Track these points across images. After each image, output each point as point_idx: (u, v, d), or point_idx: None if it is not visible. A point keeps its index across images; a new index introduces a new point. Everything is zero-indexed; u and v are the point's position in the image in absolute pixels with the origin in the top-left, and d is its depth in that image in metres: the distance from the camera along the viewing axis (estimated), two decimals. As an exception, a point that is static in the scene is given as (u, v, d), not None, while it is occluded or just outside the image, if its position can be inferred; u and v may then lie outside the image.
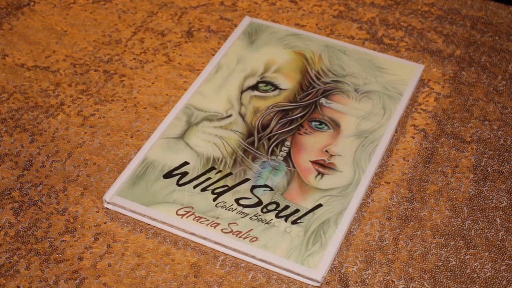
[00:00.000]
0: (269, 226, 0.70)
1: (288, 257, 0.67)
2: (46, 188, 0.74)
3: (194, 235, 0.69)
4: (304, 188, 0.73)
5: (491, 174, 0.76)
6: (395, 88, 0.82)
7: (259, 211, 0.71)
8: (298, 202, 0.72)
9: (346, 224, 0.70)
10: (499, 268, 0.68)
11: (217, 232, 0.69)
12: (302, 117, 0.80)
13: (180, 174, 0.74)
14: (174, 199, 0.72)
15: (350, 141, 0.77)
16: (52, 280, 0.66)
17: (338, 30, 0.91)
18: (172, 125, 0.78)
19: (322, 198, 0.72)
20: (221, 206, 0.71)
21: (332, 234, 0.69)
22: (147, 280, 0.67)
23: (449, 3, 0.95)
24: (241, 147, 0.77)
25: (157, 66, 0.87)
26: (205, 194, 0.72)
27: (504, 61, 0.87)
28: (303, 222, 0.70)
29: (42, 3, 0.95)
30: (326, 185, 0.73)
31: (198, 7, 0.95)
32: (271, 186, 0.73)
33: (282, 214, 0.71)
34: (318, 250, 0.68)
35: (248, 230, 0.69)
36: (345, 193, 0.72)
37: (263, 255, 0.67)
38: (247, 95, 0.82)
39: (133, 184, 0.73)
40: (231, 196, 0.72)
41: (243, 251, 0.68)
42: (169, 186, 0.73)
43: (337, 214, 0.70)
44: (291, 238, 0.69)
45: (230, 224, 0.70)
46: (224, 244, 0.68)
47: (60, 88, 0.84)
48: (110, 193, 0.72)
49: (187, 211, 0.71)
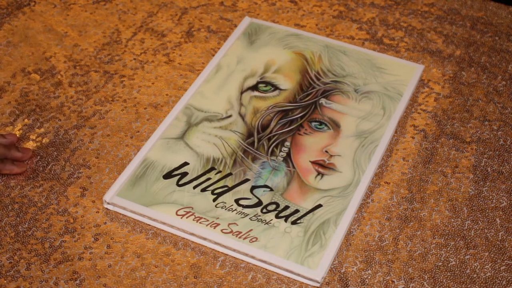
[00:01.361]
0: (269, 226, 0.70)
1: (288, 257, 0.67)
2: (46, 189, 0.74)
3: (194, 235, 0.69)
4: (304, 189, 0.73)
5: (491, 174, 0.76)
6: (395, 88, 0.82)
7: (259, 211, 0.71)
8: (298, 202, 0.72)
9: (346, 224, 0.70)
10: (499, 268, 0.68)
11: (217, 233, 0.69)
12: (302, 118, 0.80)
13: (180, 175, 0.74)
14: (174, 200, 0.72)
15: (350, 142, 0.77)
16: (53, 280, 0.67)
17: (338, 30, 0.91)
18: (172, 126, 0.78)
19: (322, 198, 0.72)
20: (221, 207, 0.71)
21: (332, 235, 0.69)
22: (147, 281, 0.67)
23: (449, 3, 0.95)
24: (241, 147, 0.77)
25: (157, 66, 0.87)
26: (205, 195, 0.72)
27: (504, 62, 0.87)
28: (303, 223, 0.70)
29: (42, 3, 0.95)
30: (326, 185, 0.73)
31: (198, 7, 0.95)
32: (271, 186, 0.73)
33: (282, 215, 0.71)
34: (318, 251, 0.68)
35: (248, 231, 0.69)
36: (344, 194, 0.72)
37: (263, 255, 0.67)
38: (247, 95, 0.82)
39: (133, 184, 0.73)
40: (231, 196, 0.72)
41: (243, 252, 0.68)
42: (169, 186, 0.73)
43: (337, 215, 0.70)
44: (291, 239, 0.69)
45: (230, 225, 0.70)
46: (224, 245, 0.68)
47: (60, 89, 0.84)
48: (110, 194, 0.72)
49: (187, 212, 0.71)
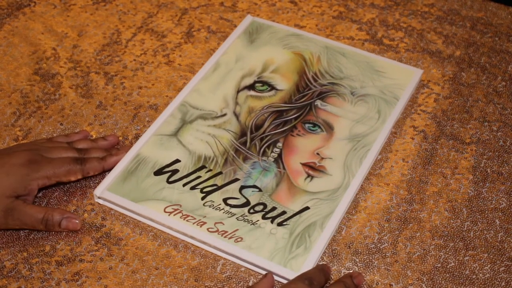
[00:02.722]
0: (255, 227, 0.70)
1: (271, 258, 0.67)
2: (46, 189, 0.74)
3: (179, 232, 0.69)
4: (293, 190, 0.73)
5: (490, 175, 0.76)
6: (392, 92, 0.82)
7: (246, 211, 0.71)
8: (285, 204, 0.71)
9: (332, 227, 0.69)
10: (498, 269, 0.68)
11: (203, 231, 0.69)
12: (296, 119, 0.79)
13: (171, 172, 0.74)
14: (163, 196, 0.72)
15: (342, 145, 0.77)
16: (54, 281, 0.67)
17: (338, 31, 0.91)
18: (166, 122, 0.78)
19: (310, 201, 0.72)
20: (209, 205, 0.71)
21: (317, 238, 0.69)
22: (147, 283, 0.67)
23: (449, 3, 0.95)
24: (233, 146, 0.76)
25: (157, 67, 0.87)
26: (194, 193, 0.72)
27: (504, 62, 0.87)
28: (289, 225, 0.70)
29: (42, 4, 0.95)
30: (315, 188, 0.73)
31: (198, 7, 0.95)
32: (260, 187, 0.73)
33: (268, 216, 0.70)
34: (302, 253, 0.68)
35: (234, 230, 0.69)
36: (333, 197, 0.72)
37: (246, 255, 0.67)
38: (243, 94, 0.82)
39: (124, 179, 0.73)
40: (220, 195, 0.72)
41: (227, 251, 0.68)
42: (159, 183, 0.73)
43: (323, 218, 0.70)
44: (276, 240, 0.69)
45: (216, 224, 0.70)
46: (209, 243, 0.68)
47: (61, 90, 0.84)
48: (101, 188, 0.72)
49: (175, 209, 0.71)
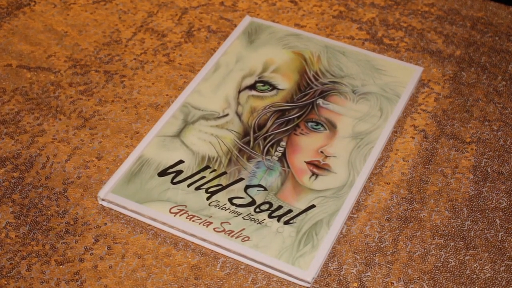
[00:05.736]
0: (262, 226, 0.70)
1: (279, 257, 0.67)
2: (46, 190, 0.74)
3: (186, 233, 0.69)
4: (298, 189, 0.73)
5: (491, 174, 0.76)
6: (393, 90, 0.82)
7: (252, 210, 0.71)
8: (291, 202, 0.72)
9: (339, 225, 0.70)
10: (499, 269, 0.68)
11: (209, 231, 0.69)
12: (298, 118, 0.79)
13: (174, 173, 0.74)
14: (168, 197, 0.72)
15: (345, 143, 0.77)
16: (53, 281, 0.67)
17: (338, 30, 0.91)
18: (168, 123, 0.79)
19: (315, 199, 0.72)
20: (214, 205, 0.71)
21: (324, 235, 0.69)
22: (147, 282, 0.67)
23: (449, 3, 0.95)
24: (236, 146, 0.77)
25: (157, 66, 0.87)
26: (198, 193, 0.72)
27: (504, 62, 0.87)
28: (295, 223, 0.70)
29: (42, 3, 0.95)
30: (320, 186, 0.73)
31: (198, 7, 0.95)
32: (265, 186, 0.73)
33: (274, 214, 0.71)
34: (309, 251, 0.68)
35: (240, 230, 0.69)
36: (338, 195, 0.72)
37: (254, 254, 0.67)
38: (245, 94, 0.82)
39: (127, 181, 0.73)
40: (225, 195, 0.72)
41: (234, 251, 0.68)
42: (164, 184, 0.73)
43: (330, 215, 0.70)
44: (283, 239, 0.69)
45: (222, 223, 0.70)
46: (216, 243, 0.68)
47: (60, 89, 0.84)
48: (105, 190, 0.72)
49: (180, 210, 0.71)
